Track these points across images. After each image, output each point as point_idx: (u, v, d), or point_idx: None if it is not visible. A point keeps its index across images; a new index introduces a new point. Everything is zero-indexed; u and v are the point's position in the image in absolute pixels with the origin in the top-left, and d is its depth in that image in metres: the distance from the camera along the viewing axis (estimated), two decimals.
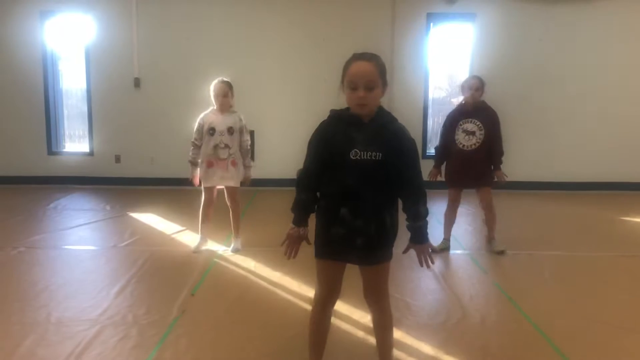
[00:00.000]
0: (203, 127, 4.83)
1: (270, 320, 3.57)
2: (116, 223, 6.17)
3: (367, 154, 2.33)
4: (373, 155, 2.33)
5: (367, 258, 2.47)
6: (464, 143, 4.91)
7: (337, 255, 2.48)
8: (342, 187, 2.38)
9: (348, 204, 2.38)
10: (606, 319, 3.64)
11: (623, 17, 8.21)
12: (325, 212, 2.47)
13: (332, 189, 2.43)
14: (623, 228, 6.25)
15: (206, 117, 4.86)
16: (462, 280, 4.45)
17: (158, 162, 8.45)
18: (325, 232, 2.47)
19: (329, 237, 2.45)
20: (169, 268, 4.60)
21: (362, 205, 2.38)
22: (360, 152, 2.33)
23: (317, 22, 8.26)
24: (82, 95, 8.68)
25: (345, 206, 2.39)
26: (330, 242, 2.46)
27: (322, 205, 2.49)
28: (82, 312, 3.63)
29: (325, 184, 2.44)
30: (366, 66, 2.34)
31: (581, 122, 8.41)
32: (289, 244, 2.52)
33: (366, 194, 2.37)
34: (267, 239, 5.52)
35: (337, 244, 2.44)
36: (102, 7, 8.17)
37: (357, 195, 2.37)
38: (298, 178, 2.52)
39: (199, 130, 4.86)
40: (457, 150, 4.94)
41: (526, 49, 8.27)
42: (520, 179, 8.24)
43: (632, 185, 8.40)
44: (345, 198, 2.39)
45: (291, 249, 2.52)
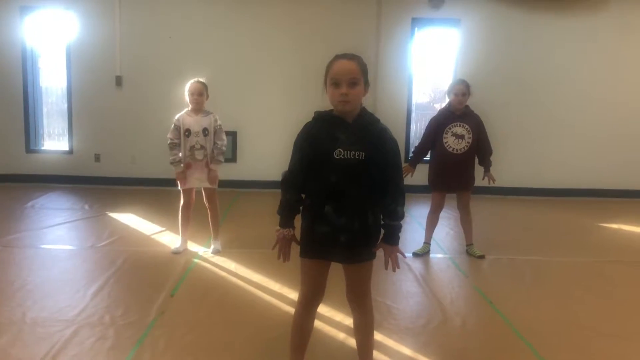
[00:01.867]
0: (180, 128, 4.81)
1: (251, 322, 3.54)
2: (95, 223, 6.08)
3: (350, 153, 2.36)
4: (356, 154, 2.36)
5: (352, 256, 2.48)
6: (453, 146, 4.93)
7: (321, 253, 2.49)
8: (326, 186, 2.41)
9: (332, 202, 2.41)
10: (585, 323, 3.68)
11: (608, 23, 8.33)
12: (310, 210, 2.49)
13: (316, 188, 2.46)
14: (601, 234, 6.32)
15: (182, 118, 4.83)
16: (442, 284, 4.46)
17: (139, 162, 8.36)
18: (309, 231, 2.48)
19: (313, 235, 2.47)
20: (148, 269, 4.54)
21: (346, 203, 2.40)
22: (344, 151, 2.36)
23: (301, 25, 8.25)
24: (62, 93, 8.56)
25: (329, 204, 2.41)
26: (315, 241, 2.47)
27: (307, 204, 2.51)
28: (58, 312, 3.56)
29: (310, 184, 2.47)
30: (348, 64, 2.38)
31: (564, 128, 8.50)
32: (280, 247, 2.53)
33: (350, 192, 2.40)
34: (248, 240, 5.49)
35: (321, 242, 2.46)
36: (84, 3, 8.07)
37: (340, 193, 2.40)
38: (283, 178, 2.53)
39: (176, 129, 4.82)
40: (446, 154, 4.96)
41: (511, 54, 8.35)
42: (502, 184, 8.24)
43: (611, 192, 8.52)
44: (329, 196, 2.42)
45: (283, 251, 2.53)
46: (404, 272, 4.64)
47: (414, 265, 4.86)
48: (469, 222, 5.21)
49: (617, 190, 8.54)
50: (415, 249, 5.18)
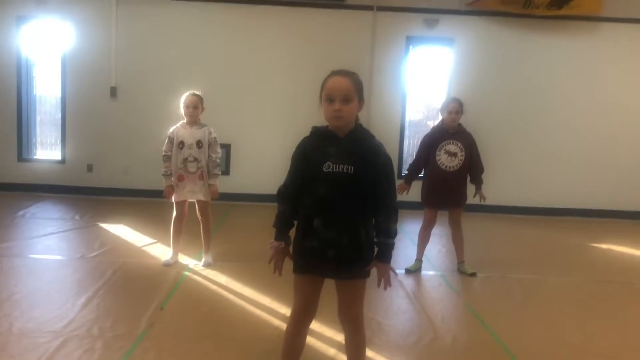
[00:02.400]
0: (173, 140, 4.81)
1: (241, 336, 3.52)
2: (85, 233, 6.04)
3: (339, 167, 2.38)
4: (345, 168, 2.38)
5: (342, 272, 2.47)
6: (446, 164, 4.96)
7: (311, 268, 2.49)
8: (315, 199, 2.43)
9: (321, 215, 2.42)
10: (576, 342, 3.68)
11: (600, 46, 8.41)
12: (302, 223, 2.50)
13: (307, 201, 2.47)
14: (592, 254, 6.34)
15: (176, 130, 4.85)
16: (434, 301, 4.45)
17: (132, 173, 8.33)
18: (299, 245, 2.49)
19: (303, 249, 2.48)
20: (138, 280, 4.51)
21: (334, 216, 2.41)
22: (332, 164, 2.39)
23: (297, 40, 8.30)
24: (56, 102, 8.54)
25: (318, 217, 2.42)
26: (304, 255, 2.48)
27: (299, 217, 2.52)
28: (45, 323, 3.53)
29: (303, 197, 2.48)
30: (342, 80, 2.42)
31: (556, 147, 8.54)
32: (275, 261, 2.55)
33: (338, 205, 2.41)
34: (240, 254, 5.47)
35: (310, 256, 2.46)
36: (81, 13, 8.08)
37: (329, 206, 2.41)
38: (278, 191, 2.55)
39: (170, 142, 4.84)
40: (439, 171, 4.98)
41: (503, 74, 8.42)
42: (494, 203, 8.30)
43: (602, 212, 8.55)
44: (318, 209, 2.43)
45: (276, 265, 2.55)
46: (395, 289, 4.63)
47: (406, 282, 4.85)
48: (461, 239, 5.22)
49: (608, 210, 8.56)
50: (408, 266, 5.18)
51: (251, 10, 8.21)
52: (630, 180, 8.59)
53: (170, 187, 4.86)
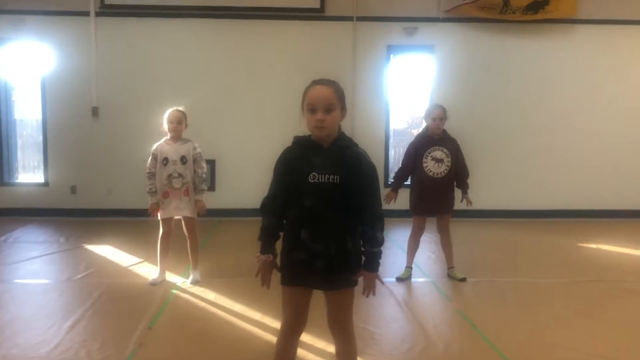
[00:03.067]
0: (157, 156, 4.78)
1: (232, 353, 3.47)
2: (71, 255, 5.95)
3: (324, 177, 2.36)
4: (331, 178, 2.36)
5: (330, 282, 2.45)
6: (433, 171, 4.96)
7: (299, 280, 2.46)
8: (301, 210, 2.40)
9: (308, 227, 2.39)
10: (568, 343, 3.66)
11: (576, 47, 8.53)
12: (288, 235, 2.47)
13: (293, 213, 2.44)
14: (581, 254, 6.36)
15: (160, 147, 4.82)
16: (425, 308, 4.43)
17: (116, 193, 8.25)
18: (287, 257, 2.46)
19: (291, 262, 2.45)
20: (126, 301, 4.43)
21: (322, 228, 2.39)
22: (318, 175, 2.36)
23: (278, 52, 8.31)
24: (37, 125, 8.46)
25: (305, 229, 2.39)
26: (292, 267, 2.45)
27: (286, 230, 2.49)
28: (30, 348, 3.45)
29: (288, 209, 2.46)
30: (324, 90, 2.41)
31: (541, 150, 8.61)
32: (262, 275, 2.51)
33: (325, 216, 2.38)
34: (228, 269, 5.43)
35: (298, 268, 2.43)
36: (59, 34, 8.04)
37: (316, 218, 2.38)
38: (262, 204, 2.51)
39: (154, 159, 4.80)
40: (426, 178, 4.98)
41: (485, 78, 8.49)
42: (481, 207, 8.31)
43: (589, 212, 8.60)
44: (305, 221, 2.40)
45: (263, 278, 2.52)
46: (385, 298, 4.60)
47: (396, 290, 4.82)
48: (450, 245, 5.21)
49: (596, 210, 8.62)
50: (398, 274, 5.15)
51: (232, 24, 8.23)
52: (616, 180, 8.67)
53: (155, 205, 4.80)
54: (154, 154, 4.80)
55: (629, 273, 5.49)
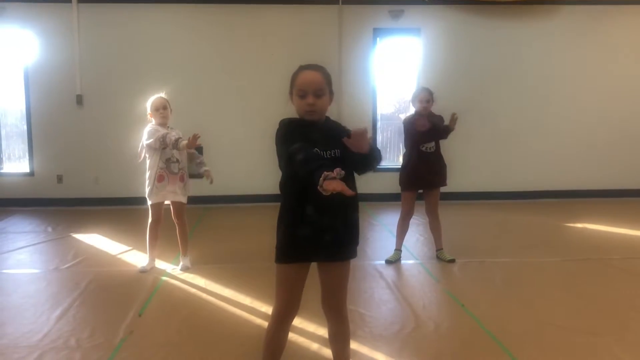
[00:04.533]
0: (158, 131, 4.65)
1: (222, 338, 3.47)
2: (58, 245, 5.91)
3: (327, 152, 2.35)
4: (332, 153, 2.36)
5: (336, 254, 2.45)
6: (426, 145, 5.00)
7: (302, 256, 2.42)
8: (305, 185, 2.28)
9: (313, 201, 2.33)
10: (557, 321, 3.71)
11: (562, 27, 8.57)
12: (291, 212, 2.42)
13: (296, 188, 2.36)
14: (568, 234, 6.43)
15: (156, 128, 4.67)
16: (414, 290, 4.45)
17: (102, 182, 8.20)
18: (290, 234, 2.41)
19: (295, 239, 2.40)
20: (115, 289, 4.42)
21: (328, 201, 2.33)
22: (321, 151, 2.34)
23: (264, 37, 8.25)
24: (21, 114, 8.35)
25: (311, 204, 2.35)
26: (294, 244, 2.41)
27: (285, 206, 2.45)
28: (20, 338, 3.43)
29: (289, 185, 2.40)
30: (313, 74, 2.40)
31: (526, 132, 8.67)
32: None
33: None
34: (217, 256, 5.42)
35: (302, 244, 2.39)
36: (41, 21, 7.92)
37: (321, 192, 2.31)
38: (290, 154, 2.23)
39: (156, 131, 4.62)
40: (419, 153, 5.01)
41: (472, 60, 8.50)
42: (468, 189, 8.41)
43: (574, 192, 8.69)
44: (309, 195, 2.30)
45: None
46: (375, 280, 4.63)
47: (386, 272, 4.85)
48: (438, 227, 5.24)
49: (581, 190, 8.71)
50: (387, 257, 5.18)
51: (216, 9, 8.15)
52: (602, 160, 8.77)
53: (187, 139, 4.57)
54: (155, 128, 4.66)
55: (614, 251, 5.55)
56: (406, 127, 5.12)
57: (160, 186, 4.75)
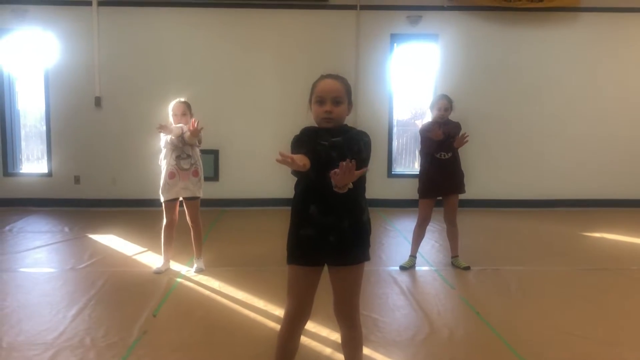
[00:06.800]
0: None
1: (235, 340, 3.47)
2: (75, 245, 5.97)
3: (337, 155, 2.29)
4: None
5: (344, 257, 2.41)
6: (441, 153, 4.97)
7: (309, 258, 2.42)
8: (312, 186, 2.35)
9: (317, 201, 2.35)
10: (573, 330, 3.66)
11: (580, 34, 8.48)
12: (296, 211, 2.43)
13: (301, 188, 2.41)
14: (585, 243, 6.35)
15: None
16: (429, 296, 4.42)
17: (119, 183, 8.26)
18: (295, 235, 2.43)
19: (299, 239, 2.41)
20: (130, 289, 4.45)
21: (334, 201, 2.33)
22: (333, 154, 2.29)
23: (281, 41, 8.27)
24: (40, 116, 8.46)
25: (315, 203, 2.36)
26: (300, 245, 2.42)
27: (293, 206, 2.45)
28: (36, 335, 3.46)
29: (297, 185, 2.43)
30: (333, 82, 2.44)
31: (544, 140, 8.58)
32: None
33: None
34: (232, 258, 5.44)
35: (307, 245, 2.39)
36: (61, 24, 8.02)
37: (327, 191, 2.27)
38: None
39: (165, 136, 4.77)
40: (435, 160, 4.99)
41: (489, 67, 8.44)
42: (485, 197, 8.35)
43: (593, 202, 8.59)
44: (314, 195, 2.36)
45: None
46: (389, 285, 4.61)
47: (400, 278, 4.83)
48: (456, 234, 5.19)
49: (599, 199, 8.61)
50: (402, 263, 5.15)
51: (235, 14, 8.19)
52: (620, 169, 8.66)
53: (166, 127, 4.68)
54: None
55: (632, 261, 5.47)
56: (422, 135, 5.11)
57: (172, 183, 4.79)
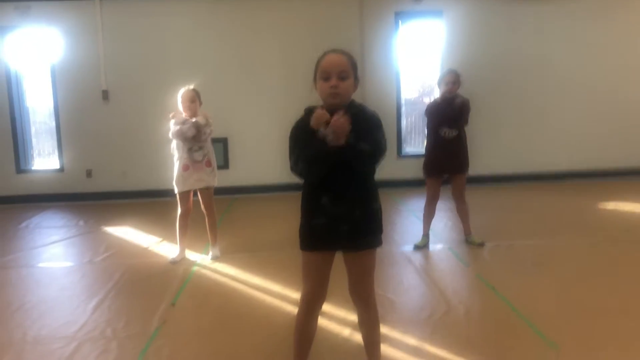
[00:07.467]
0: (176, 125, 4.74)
1: (254, 326, 3.51)
2: (90, 238, 6.03)
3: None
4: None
5: (355, 244, 2.42)
6: (446, 131, 4.94)
7: (321, 244, 2.42)
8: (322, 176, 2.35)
9: (329, 191, 2.36)
10: (588, 302, 3.67)
11: (586, 9, 8.36)
12: (307, 202, 2.44)
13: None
14: (598, 215, 6.32)
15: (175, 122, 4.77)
16: (444, 274, 4.44)
17: (131, 175, 8.31)
18: (307, 223, 2.44)
19: (311, 227, 2.42)
20: (147, 280, 4.50)
21: (344, 191, 2.34)
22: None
23: (284, 24, 8.23)
24: (49, 112, 8.50)
25: (326, 194, 2.36)
26: (313, 233, 2.42)
27: (304, 195, 2.46)
28: (58, 329, 3.52)
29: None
30: (338, 57, 2.37)
31: (554, 112, 8.51)
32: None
33: (347, 180, 2.34)
34: (246, 245, 5.47)
35: (320, 233, 2.40)
36: (65, 19, 8.02)
37: (337, 181, 2.34)
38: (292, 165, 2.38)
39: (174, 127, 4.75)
40: (440, 139, 4.96)
41: (495, 42, 8.36)
42: (495, 172, 8.32)
43: (606, 172, 8.51)
44: (325, 186, 2.36)
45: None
46: (404, 265, 4.62)
47: (414, 257, 4.84)
48: (466, 211, 5.19)
49: (611, 170, 8.53)
50: (415, 242, 5.16)
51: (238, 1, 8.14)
52: (631, 138, 8.57)
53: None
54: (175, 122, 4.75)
55: None
56: (426, 113, 5.08)
57: (186, 175, 4.82)
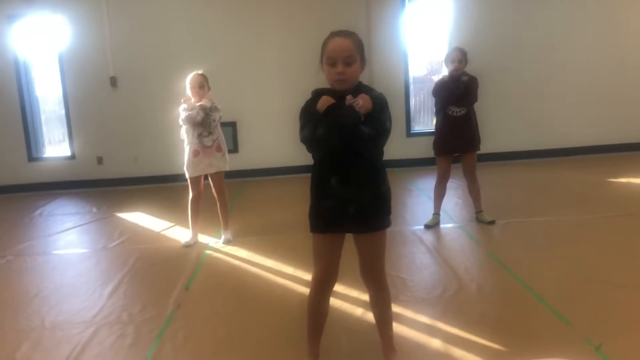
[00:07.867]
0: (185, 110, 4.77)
1: (268, 308, 3.55)
2: (104, 224, 6.09)
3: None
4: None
5: (364, 226, 2.43)
6: (454, 109, 4.92)
7: (331, 226, 2.43)
8: (331, 157, 2.36)
9: (338, 172, 2.37)
10: (601, 277, 3.66)
11: None
12: (316, 184, 2.45)
13: (318, 159, 2.42)
14: (610, 189, 6.28)
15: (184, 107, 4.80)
16: (455, 253, 4.45)
17: (142, 161, 8.35)
18: (316, 205, 2.45)
19: (320, 209, 2.43)
20: (161, 264, 4.55)
21: (352, 172, 2.35)
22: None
23: (290, 6, 8.17)
24: (58, 99, 8.53)
25: (335, 175, 2.37)
26: (322, 215, 2.44)
27: (313, 177, 2.47)
28: (76, 314, 3.58)
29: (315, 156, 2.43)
30: (344, 42, 2.34)
31: (563, 88, 8.42)
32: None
33: (356, 161, 2.35)
34: (258, 228, 5.51)
35: (328, 215, 2.41)
36: (71, 6, 8.01)
37: (346, 163, 2.34)
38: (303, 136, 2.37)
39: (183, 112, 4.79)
40: (448, 117, 4.95)
41: (504, 18, 8.25)
42: (505, 149, 8.28)
43: (615, 147, 8.44)
44: (334, 167, 2.37)
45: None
46: (415, 245, 4.64)
47: (425, 237, 4.85)
48: (477, 189, 5.18)
49: (622, 144, 8.45)
50: (426, 221, 5.17)
51: None
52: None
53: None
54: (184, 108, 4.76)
55: None
56: (434, 91, 5.05)
57: (197, 161, 4.85)
